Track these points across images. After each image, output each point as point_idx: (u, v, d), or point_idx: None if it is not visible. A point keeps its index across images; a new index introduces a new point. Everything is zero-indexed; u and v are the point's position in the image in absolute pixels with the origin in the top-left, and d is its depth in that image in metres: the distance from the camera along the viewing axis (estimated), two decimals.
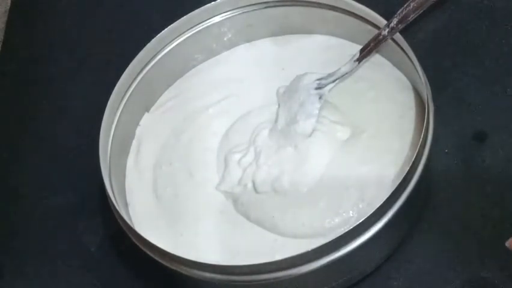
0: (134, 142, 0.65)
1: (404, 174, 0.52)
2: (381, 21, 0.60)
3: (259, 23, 0.67)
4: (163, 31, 0.64)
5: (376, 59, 0.63)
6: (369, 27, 0.61)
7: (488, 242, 0.57)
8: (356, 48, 0.62)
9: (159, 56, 0.65)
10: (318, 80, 0.61)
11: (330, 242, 0.50)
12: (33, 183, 0.70)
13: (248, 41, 0.69)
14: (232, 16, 0.66)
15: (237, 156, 0.61)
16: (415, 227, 0.58)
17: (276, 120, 0.62)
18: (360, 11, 0.61)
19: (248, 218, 0.58)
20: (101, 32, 0.80)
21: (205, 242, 0.57)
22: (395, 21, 0.58)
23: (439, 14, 0.69)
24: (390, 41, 0.59)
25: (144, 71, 0.64)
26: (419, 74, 0.56)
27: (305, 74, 0.62)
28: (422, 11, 0.59)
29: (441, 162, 0.61)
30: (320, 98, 0.61)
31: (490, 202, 0.59)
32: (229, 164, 0.61)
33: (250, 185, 0.59)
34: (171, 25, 0.65)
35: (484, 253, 0.57)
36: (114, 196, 0.57)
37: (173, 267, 0.53)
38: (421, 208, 0.59)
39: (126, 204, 0.61)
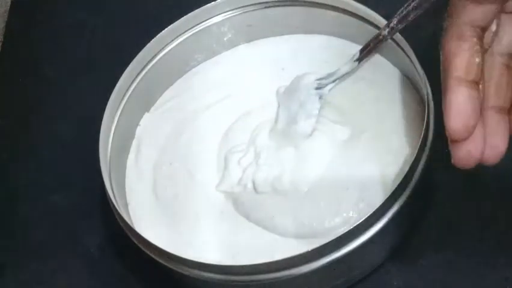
0: (134, 142, 0.65)
1: (404, 174, 0.52)
2: (381, 21, 0.60)
3: (259, 23, 0.67)
4: (163, 31, 0.64)
5: (376, 59, 0.63)
6: (369, 27, 0.61)
7: (489, 241, 0.57)
8: (356, 48, 0.62)
9: (159, 56, 0.65)
10: (318, 80, 0.61)
11: (330, 242, 0.50)
12: (33, 183, 0.70)
13: (248, 41, 0.69)
14: (232, 16, 0.66)
15: (237, 156, 0.61)
16: (415, 227, 0.58)
17: (276, 120, 0.62)
18: (360, 11, 0.61)
19: (248, 218, 0.58)
20: (101, 32, 0.80)
21: (205, 242, 0.57)
22: (395, 21, 0.58)
23: (440, 13, 0.69)
24: (390, 41, 0.59)
25: (144, 71, 0.64)
26: (419, 74, 0.56)
27: (305, 74, 0.62)
28: (422, 11, 0.59)
29: (441, 162, 0.61)
30: (320, 98, 0.61)
31: (490, 202, 0.59)
32: (229, 164, 0.61)
33: (250, 185, 0.59)
34: (171, 25, 0.65)
35: (484, 253, 0.57)
36: (114, 196, 0.57)
37: (173, 267, 0.53)
38: (421, 208, 0.59)
39: (126, 204, 0.61)
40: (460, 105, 0.39)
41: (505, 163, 0.61)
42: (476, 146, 0.41)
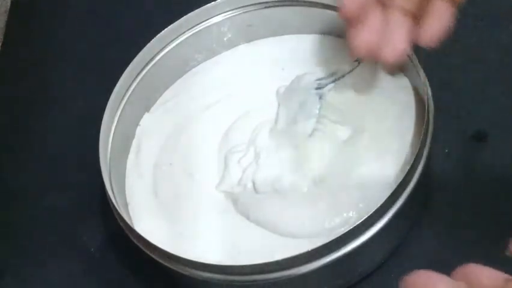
0: (134, 142, 0.65)
1: (404, 174, 0.52)
2: None
3: (259, 23, 0.67)
4: (163, 31, 0.64)
5: None
6: None
7: (489, 242, 0.57)
8: None
9: (159, 56, 0.65)
10: (318, 80, 0.61)
11: (330, 242, 0.50)
12: (33, 183, 0.70)
13: (248, 41, 0.69)
14: (232, 16, 0.66)
15: (237, 156, 0.61)
16: (415, 227, 0.58)
17: (276, 120, 0.62)
18: None
19: (248, 218, 0.58)
20: (101, 32, 0.80)
21: (205, 242, 0.57)
22: None
23: None
24: None
25: (144, 71, 0.64)
26: (419, 74, 0.56)
27: (305, 74, 0.62)
28: None
29: (441, 162, 0.61)
30: (320, 98, 0.61)
31: (490, 202, 0.59)
32: (229, 164, 0.61)
33: (250, 185, 0.59)
34: (171, 25, 0.65)
35: (485, 253, 0.57)
36: (114, 196, 0.57)
37: (173, 267, 0.53)
38: (421, 208, 0.59)
39: (126, 204, 0.61)
40: None
41: (505, 163, 0.61)
42: (372, 36, 0.42)
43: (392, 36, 0.43)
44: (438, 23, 0.44)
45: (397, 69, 0.59)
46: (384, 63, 0.44)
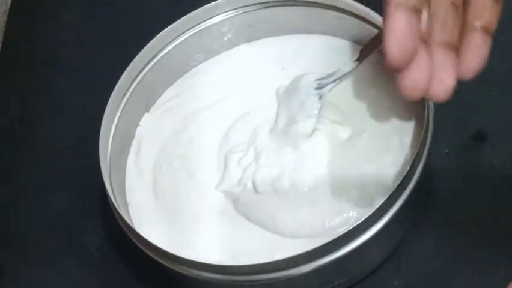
0: (134, 142, 0.65)
1: (404, 174, 0.52)
2: (381, 21, 0.59)
3: (259, 23, 0.67)
4: (163, 31, 0.64)
5: (376, 59, 0.63)
6: (369, 27, 0.61)
7: (489, 241, 0.57)
8: (356, 48, 0.62)
9: (159, 56, 0.65)
10: (318, 80, 0.61)
11: (330, 242, 0.50)
12: (33, 183, 0.70)
13: (248, 41, 0.69)
14: (232, 16, 0.66)
15: (237, 156, 0.61)
16: (415, 227, 0.58)
17: (276, 120, 0.62)
18: (360, 11, 0.61)
19: (248, 218, 0.58)
20: (101, 32, 0.80)
21: (205, 242, 0.57)
22: None
23: None
24: None
25: (144, 71, 0.64)
26: None
27: (305, 74, 0.62)
28: None
29: (441, 162, 0.61)
30: (320, 98, 0.61)
31: (490, 202, 0.59)
32: (229, 164, 0.61)
33: (250, 185, 0.59)
34: (171, 25, 0.65)
35: (484, 253, 0.57)
36: (114, 196, 0.57)
37: (173, 267, 0.53)
38: (421, 208, 0.59)
39: (126, 204, 0.61)
40: (397, 30, 0.39)
41: (505, 163, 0.61)
42: (422, 75, 0.41)
43: (440, 73, 0.42)
44: (476, 56, 0.43)
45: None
46: (435, 100, 0.43)
